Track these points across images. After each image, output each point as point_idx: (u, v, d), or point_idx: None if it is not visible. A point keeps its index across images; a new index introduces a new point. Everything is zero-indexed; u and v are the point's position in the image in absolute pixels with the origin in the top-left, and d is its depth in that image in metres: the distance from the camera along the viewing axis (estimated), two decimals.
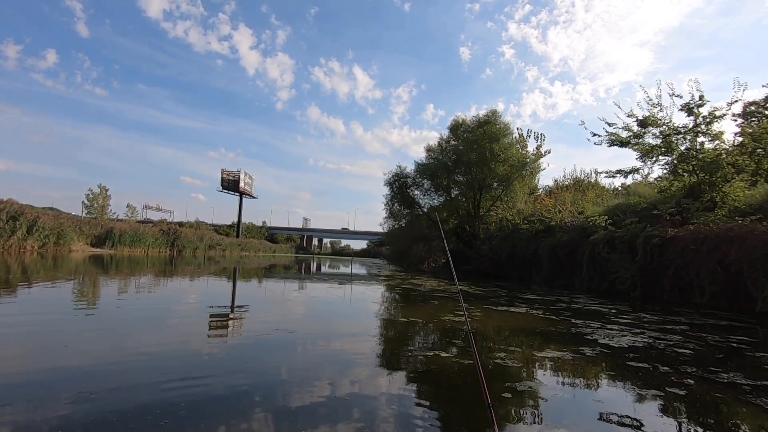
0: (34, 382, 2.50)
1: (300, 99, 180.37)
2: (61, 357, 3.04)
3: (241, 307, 6.39)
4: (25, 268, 11.01)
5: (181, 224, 49.06)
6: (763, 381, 3.17)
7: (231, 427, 1.94)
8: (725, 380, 3.14)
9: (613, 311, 7.29)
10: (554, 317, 6.22)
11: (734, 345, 4.75)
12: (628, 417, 2.34)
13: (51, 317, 4.63)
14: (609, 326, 5.53)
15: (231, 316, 5.43)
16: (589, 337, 4.67)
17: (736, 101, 11.21)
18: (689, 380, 3.11)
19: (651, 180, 14.85)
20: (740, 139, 11.55)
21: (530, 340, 4.58)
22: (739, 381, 3.13)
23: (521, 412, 2.35)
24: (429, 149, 26.82)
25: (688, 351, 4.20)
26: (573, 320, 5.99)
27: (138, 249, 28.26)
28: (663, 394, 2.79)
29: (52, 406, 2.11)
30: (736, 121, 13.49)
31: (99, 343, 3.50)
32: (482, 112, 25.38)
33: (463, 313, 6.03)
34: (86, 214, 38.34)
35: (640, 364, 3.53)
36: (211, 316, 5.39)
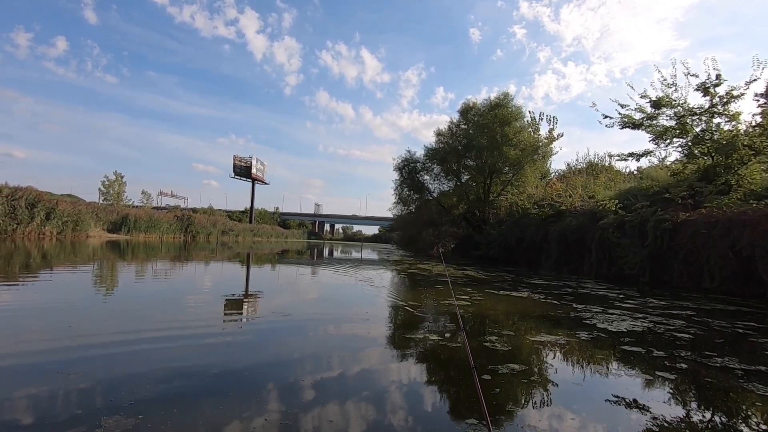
0: (18, 360, 2.59)
1: (308, 84, 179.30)
2: (59, 338, 3.13)
3: (254, 291, 6.51)
4: (45, 254, 11.38)
5: (194, 210, 49.77)
6: (759, 366, 3.13)
7: (236, 412, 1.96)
8: (718, 365, 3.12)
9: (620, 296, 7.23)
10: (555, 302, 6.20)
11: (740, 330, 4.68)
12: (612, 397, 2.36)
13: (62, 300, 4.81)
14: (611, 311, 5.50)
15: (243, 300, 5.52)
16: (588, 322, 4.65)
17: (755, 80, 10.76)
18: (682, 364, 3.08)
19: (668, 163, 14.47)
20: (759, 119, 11.14)
21: (526, 324, 4.58)
22: (732, 366, 3.10)
23: (507, 395, 2.38)
24: (439, 133, 26.56)
25: (687, 336, 4.16)
26: (574, 305, 5.96)
27: (153, 235, 28.82)
28: (651, 377, 2.79)
29: (34, 385, 2.18)
30: (758, 101, 12.97)
31: (101, 326, 3.61)
32: (493, 95, 24.88)
33: (461, 298, 6.05)
34: (103, 200, 39.28)
35: (634, 348, 3.51)
36: (224, 300, 5.46)
